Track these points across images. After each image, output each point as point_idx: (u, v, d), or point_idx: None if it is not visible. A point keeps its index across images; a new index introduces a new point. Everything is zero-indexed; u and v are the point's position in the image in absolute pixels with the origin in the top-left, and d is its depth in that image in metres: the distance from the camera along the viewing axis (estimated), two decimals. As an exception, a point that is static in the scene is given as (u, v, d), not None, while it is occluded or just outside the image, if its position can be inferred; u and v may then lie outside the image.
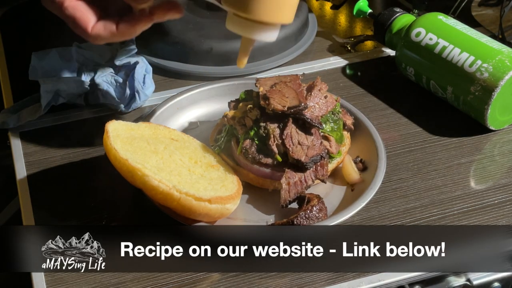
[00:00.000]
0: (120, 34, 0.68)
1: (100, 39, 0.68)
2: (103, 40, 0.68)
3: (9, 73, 0.98)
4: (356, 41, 1.04)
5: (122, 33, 0.68)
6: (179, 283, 0.67)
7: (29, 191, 0.77)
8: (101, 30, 0.67)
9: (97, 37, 0.68)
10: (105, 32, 0.68)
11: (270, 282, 0.67)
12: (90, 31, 0.67)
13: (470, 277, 0.69)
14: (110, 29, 0.67)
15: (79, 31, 0.68)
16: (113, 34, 0.68)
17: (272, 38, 0.65)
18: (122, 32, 0.68)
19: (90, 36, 0.68)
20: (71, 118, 0.88)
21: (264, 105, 0.73)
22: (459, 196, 0.76)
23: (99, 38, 0.68)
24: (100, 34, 0.68)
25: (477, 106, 0.83)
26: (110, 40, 0.68)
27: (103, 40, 0.68)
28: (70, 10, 0.67)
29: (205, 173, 0.72)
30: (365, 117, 0.82)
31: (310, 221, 0.69)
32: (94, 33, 0.68)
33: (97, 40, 0.68)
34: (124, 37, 0.68)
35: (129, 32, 0.68)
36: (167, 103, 0.85)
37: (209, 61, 0.96)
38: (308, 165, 0.72)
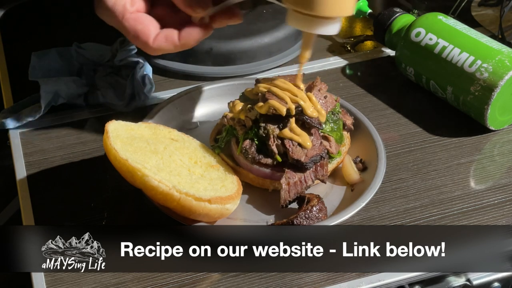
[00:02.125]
0: (181, 45, 0.67)
1: (161, 51, 0.67)
2: (165, 51, 0.67)
3: (9, 73, 0.98)
4: (356, 41, 1.04)
5: (183, 44, 0.67)
6: (179, 283, 0.67)
7: (29, 191, 0.77)
8: (163, 42, 0.66)
9: (159, 49, 0.67)
10: (167, 44, 0.67)
11: (270, 282, 0.67)
12: (152, 43, 0.66)
13: (470, 277, 0.69)
14: (172, 41, 0.67)
15: (140, 43, 0.67)
16: (174, 46, 0.67)
17: (335, 31, 0.65)
18: (184, 43, 0.67)
19: (152, 49, 0.67)
20: (71, 118, 0.88)
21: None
22: (459, 196, 0.76)
23: (160, 50, 0.67)
24: (161, 46, 0.67)
25: (477, 106, 0.83)
26: (171, 51, 0.67)
27: (164, 52, 0.68)
28: (131, 22, 0.66)
29: (205, 173, 0.72)
30: (365, 117, 0.82)
31: (310, 221, 0.69)
32: (156, 45, 0.67)
33: (158, 52, 0.67)
34: (185, 47, 0.67)
35: (190, 43, 0.67)
36: (167, 103, 0.85)
37: (209, 61, 0.96)
38: (308, 165, 0.72)
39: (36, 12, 1.13)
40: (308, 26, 0.64)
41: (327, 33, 0.65)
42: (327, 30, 0.65)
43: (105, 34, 0.99)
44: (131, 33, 0.67)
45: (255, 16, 1.00)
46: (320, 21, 0.64)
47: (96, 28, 1.05)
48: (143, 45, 0.67)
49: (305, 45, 0.69)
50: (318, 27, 0.64)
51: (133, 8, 0.66)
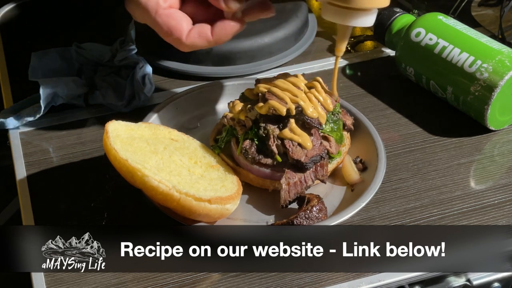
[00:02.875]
0: (215, 41, 0.67)
1: (195, 47, 0.67)
2: (198, 48, 0.67)
3: (9, 73, 0.98)
4: (356, 41, 1.04)
5: (217, 40, 0.67)
6: (179, 283, 0.67)
7: (29, 191, 0.77)
8: (196, 38, 0.66)
9: (192, 45, 0.67)
10: (200, 39, 0.66)
11: (270, 282, 0.67)
12: (185, 40, 0.66)
13: (470, 277, 0.69)
14: (205, 37, 0.66)
15: (173, 40, 0.67)
16: (208, 42, 0.67)
17: (370, 23, 0.65)
18: (217, 39, 0.67)
19: (185, 45, 0.67)
20: (71, 118, 0.88)
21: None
22: (459, 196, 0.76)
23: (194, 47, 0.67)
24: (195, 42, 0.66)
25: (477, 106, 0.83)
26: (204, 47, 0.67)
27: (197, 48, 0.67)
28: (164, 18, 0.66)
29: (205, 174, 0.72)
30: (365, 117, 0.82)
31: (310, 221, 0.69)
32: (190, 42, 0.66)
33: (191, 48, 0.67)
34: (219, 43, 0.67)
35: (224, 38, 0.67)
36: (167, 103, 0.85)
37: (209, 61, 0.96)
38: (308, 165, 0.72)
39: (36, 12, 1.13)
40: (344, 18, 0.64)
41: (363, 25, 0.65)
42: (363, 22, 0.65)
43: (105, 34, 0.99)
44: (164, 29, 0.66)
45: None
46: (356, 13, 0.64)
47: (96, 28, 1.06)
48: (177, 41, 0.67)
49: (340, 38, 0.69)
50: (354, 19, 0.64)
51: (166, 4, 0.66)
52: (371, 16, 0.65)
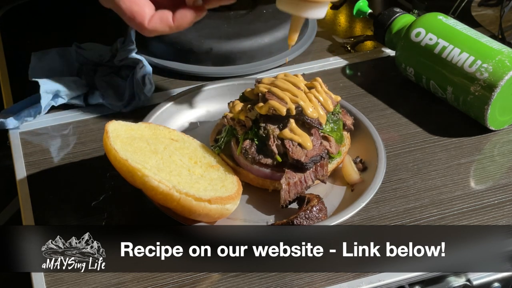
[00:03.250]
0: (176, 27, 0.69)
1: (156, 32, 0.69)
2: (159, 33, 0.69)
3: (9, 73, 0.98)
4: (356, 41, 1.04)
5: (178, 26, 0.69)
6: (179, 283, 0.67)
7: (29, 191, 0.77)
8: (158, 24, 0.69)
9: (154, 31, 0.69)
10: (162, 25, 0.69)
11: (270, 282, 0.67)
12: (147, 24, 0.68)
13: (470, 277, 0.69)
14: (166, 22, 0.69)
15: (136, 24, 0.69)
16: (169, 27, 0.69)
17: (322, 15, 0.68)
18: (178, 25, 0.69)
19: (147, 29, 0.69)
20: (71, 118, 0.88)
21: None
22: (459, 196, 0.76)
23: (155, 32, 0.69)
24: (156, 27, 0.69)
25: (477, 106, 0.83)
26: (166, 32, 0.70)
27: (159, 33, 0.70)
28: (127, 3, 0.68)
29: (205, 174, 0.72)
30: (365, 117, 0.82)
31: (310, 221, 0.69)
32: (151, 27, 0.69)
33: (153, 33, 0.69)
34: (180, 29, 0.69)
35: (184, 25, 0.69)
36: (167, 103, 0.85)
37: (209, 61, 0.96)
38: (308, 165, 0.72)
39: (36, 12, 1.13)
40: (297, 9, 0.67)
41: (315, 17, 0.68)
42: (315, 14, 0.68)
43: (105, 34, 0.99)
44: (127, 14, 0.68)
45: (255, 16, 1.00)
46: (309, 4, 0.66)
47: (96, 28, 1.06)
48: (139, 26, 0.69)
49: (293, 28, 0.72)
50: (306, 11, 0.67)
51: None
52: (323, 8, 0.68)
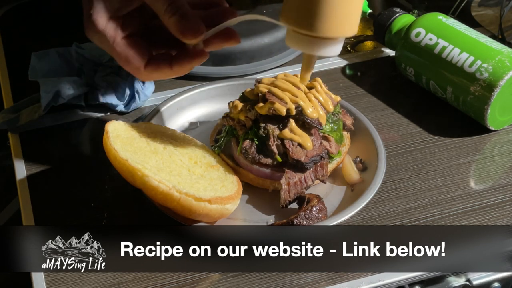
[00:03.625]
0: (175, 73, 0.65)
1: (153, 77, 0.66)
2: (156, 78, 0.66)
3: (9, 73, 0.98)
4: (356, 41, 1.04)
5: (177, 71, 0.65)
6: (179, 283, 0.67)
7: (29, 191, 0.77)
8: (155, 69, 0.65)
9: (151, 76, 0.65)
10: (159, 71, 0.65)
11: (270, 282, 0.67)
12: (143, 70, 0.64)
13: (470, 277, 0.69)
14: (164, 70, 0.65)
15: (131, 69, 0.65)
16: (168, 73, 0.65)
17: (337, 52, 0.61)
18: (177, 71, 0.65)
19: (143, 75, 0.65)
20: (71, 118, 0.88)
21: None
22: (459, 196, 0.76)
23: (152, 77, 0.65)
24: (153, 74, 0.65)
25: (477, 106, 0.83)
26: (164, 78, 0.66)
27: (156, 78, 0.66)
28: (122, 47, 0.64)
29: (205, 174, 0.72)
30: (365, 117, 0.82)
31: (310, 221, 0.69)
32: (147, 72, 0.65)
33: (149, 78, 0.66)
34: (179, 74, 0.66)
35: (185, 70, 0.65)
36: (167, 103, 0.85)
37: (209, 61, 0.96)
38: (308, 165, 0.72)
39: (36, 12, 1.13)
40: (309, 47, 0.60)
41: (329, 54, 0.60)
42: (330, 51, 0.60)
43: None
44: (122, 59, 0.65)
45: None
46: (322, 41, 0.59)
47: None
48: (135, 71, 0.65)
49: (305, 66, 0.64)
50: (319, 48, 0.60)
51: (125, 32, 0.64)
52: (337, 45, 0.60)
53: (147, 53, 0.65)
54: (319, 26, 0.58)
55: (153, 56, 0.65)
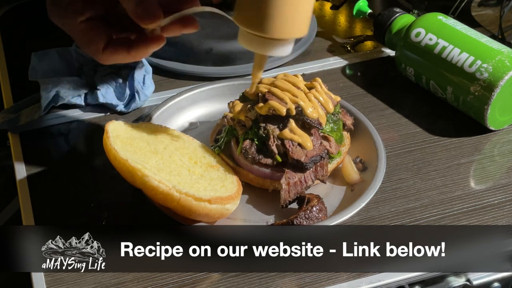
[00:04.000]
0: (132, 56, 0.66)
1: (112, 60, 0.66)
2: (115, 61, 0.67)
3: (9, 73, 0.98)
4: (356, 41, 1.04)
5: (135, 56, 0.66)
6: (179, 283, 0.67)
7: (29, 191, 0.77)
8: (113, 52, 0.65)
9: (109, 58, 0.66)
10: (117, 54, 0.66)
11: (270, 282, 0.67)
12: (102, 53, 0.65)
13: (470, 277, 0.69)
14: (122, 52, 0.65)
15: (91, 51, 0.66)
16: (125, 56, 0.66)
17: (287, 53, 0.63)
18: (135, 55, 0.66)
19: (102, 58, 0.66)
20: (71, 118, 0.88)
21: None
22: (459, 196, 0.76)
23: (111, 60, 0.66)
24: (112, 57, 0.66)
25: (477, 106, 0.83)
26: (122, 61, 0.67)
27: (114, 61, 0.67)
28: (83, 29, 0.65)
29: (205, 174, 0.72)
30: (365, 117, 0.82)
31: (310, 221, 0.69)
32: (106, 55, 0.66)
33: (108, 61, 0.66)
34: (136, 58, 0.67)
35: (142, 54, 0.66)
36: (167, 103, 0.85)
37: (209, 61, 0.96)
38: (308, 165, 0.72)
39: (36, 12, 1.13)
40: (260, 47, 0.61)
41: (279, 54, 0.62)
42: (280, 52, 0.62)
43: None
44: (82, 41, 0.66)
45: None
46: (272, 42, 0.61)
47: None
48: (94, 53, 0.66)
49: (257, 65, 0.65)
50: (270, 49, 0.61)
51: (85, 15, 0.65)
52: (288, 45, 0.62)
53: (106, 37, 0.66)
54: (269, 28, 0.59)
55: (113, 40, 0.66)
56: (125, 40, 0.66)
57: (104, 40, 0.65)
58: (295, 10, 0.59)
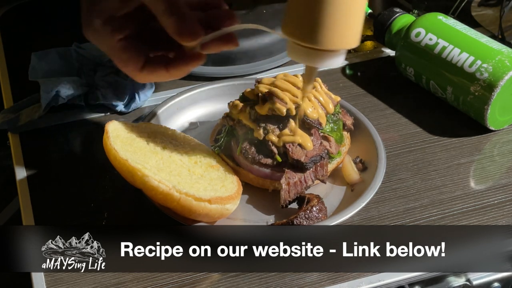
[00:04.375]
0: (171, 75, 0.65)
1: (150, 80, 0.65)
2: (153, 80, 0.65)
3: (9, 73, 0.98)
4: (356, 41, 1.04)
5: (174, 74, 0.65)
6: (179, 283, 0.67)
7: (29, 191, 0.77)
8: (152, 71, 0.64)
9: (147, 78, 0.64)
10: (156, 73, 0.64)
11: (270, 282, 0.67)
12: (140, 73, 0.64)
13: (470, 277, 0.69)
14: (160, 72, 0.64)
15: (128, 70, 0.64)
16: (164, 75, 0.64)
17: (339, 64, 0.60)
18: (174, 73, 0.65)
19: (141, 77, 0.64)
20: (71, 118, 0.88)
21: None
22: (459, 196, 0.76)
23: (149, 79, 0.65)
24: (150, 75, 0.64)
25: (477, 106, 0.83)
26: (160, 80, 0.65)
27: (153, 81, 0.65)
28: (119, 49, 0.63)
29: (205, 174, 0.72)
30: (365, 117, 0.82)
31: (310, 221, 0.69)
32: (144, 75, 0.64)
33: (146, 80, 0.65)
34: (176, 77, 0.65)
35: (181, 73, 0.65)
36: (167, 103, 0.85)
37: (209, 61, 0.96)
38: (307, 165, 0.72)
39: (36, 12, 1.13)
40: (311, 59, 0.59)
41: (331, 66, 0.60)
42: (331, 63, 0.59)
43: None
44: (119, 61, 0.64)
45: (255, 16, 1.00)
46: (323, 54, 0.58)
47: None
48: (132, 72, 0.65)
49: (307, 78, 0.64)
50: (321, 60, 0.59)
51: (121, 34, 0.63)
52: (340, 57, 0.59)
53: (143, 55, 0.64)
54: (321, 39, 0.57)
55: (150, 59, 0.65)
56: (163, 59, 0.65)
57: (142, 59, 0.64)
58: (348, 20, 0.57)
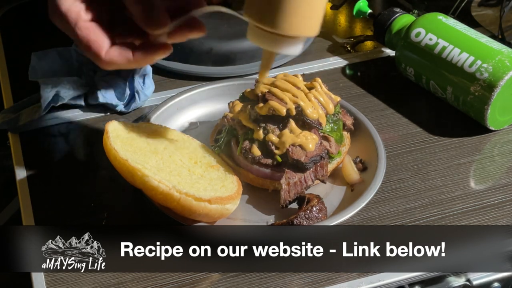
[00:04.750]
0: (135, 62, 0.63)
1: (113, 65, 0.63)
2: (117, 66, 0.63)
3: (9, 73, 0.98)
4: (356, 41, 1.04)
5: (138, 61, 0.63)
6: (179, 283, 0.67)
7: (29, 191, 0.77)
8: (116, 56, 0.62)
9: (111, 63, 0.63)
10: (120, 58, 0.62)
11: (270, 282, 0.67)
12: (104, 56, 0.62)
13: (470, 277, 0.69)
14: (125, 56, 0.62)
15: (91, 55, 0.63)
16: (128, 61, 0.63)
17: (297, 52, 0.61)
18: (138, 60, 0.63)
19: (103, 61, 0.63)
20: (71, 118, 0.88)
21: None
22: (459, 196, 0.76)
23: (112, 64, 0.63)
24: (114, 60, 0.62)
25: (477, 106, 0.83)
26: (124, 67, 0.64)
27: (116, 67, 0.64)
28: (84, 31, 0.62)
29: (205, 174, 0.72)
30: (365, 117, 0.82)
31: (310, 221, 0.69)
32: (108, 58, 0.62)
33: (110, 66, 0.63)
34: (140, 65, 0.64)
35: (146, 61, 0.63)
36: (167, 103, 0.85)
37: (209, 61, 0.96)
38: (308, 165, 0.72)
39: (36, 12, 1.13)
40: (270, 44, 0.59)
41: (288, 53, 0.60)
42: (290, 50, 0.60)
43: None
44: (83, 42, 0.63)
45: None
46: (283, 39, 0.59)
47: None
48: (95, 56, 0.63)
49: (264, 63, 0.64)
50: (280, 46, 0.59)
51: (88, 16, 0.63)
52: (298, 44, 0.60)
53: (109, 40, 0.63)
54: (281, 24, 0.57)
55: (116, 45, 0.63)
56: (128, 46, 0.64)
57: (105, 44, 0.63)
58: (309, 8, 0.57)
